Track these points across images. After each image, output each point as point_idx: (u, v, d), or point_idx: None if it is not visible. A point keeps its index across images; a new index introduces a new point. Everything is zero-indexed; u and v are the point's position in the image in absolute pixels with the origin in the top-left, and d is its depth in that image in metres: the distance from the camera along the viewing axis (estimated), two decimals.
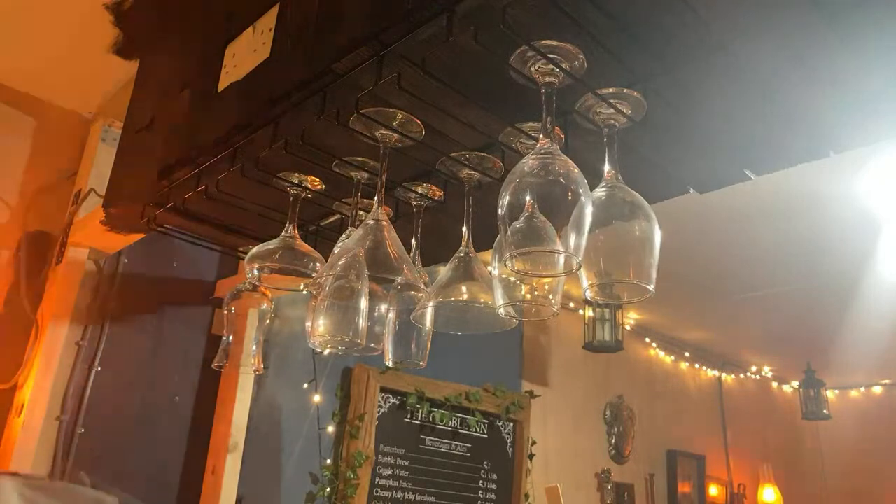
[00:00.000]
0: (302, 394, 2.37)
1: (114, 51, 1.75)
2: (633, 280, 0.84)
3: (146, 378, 2.01)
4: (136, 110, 1.61)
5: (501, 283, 0.90)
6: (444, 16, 0.78)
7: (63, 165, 2.08)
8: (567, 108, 0.94)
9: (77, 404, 1.87)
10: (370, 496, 2.42)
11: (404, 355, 1.14)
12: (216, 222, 1.47)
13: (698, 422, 4.53)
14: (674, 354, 4.43)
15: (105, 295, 1.97)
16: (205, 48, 1.33)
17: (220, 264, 2.20)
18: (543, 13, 0.77)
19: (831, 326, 3.78)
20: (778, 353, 4.69)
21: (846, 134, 0.95)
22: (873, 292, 3.18)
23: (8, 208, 1.97)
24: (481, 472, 2.83)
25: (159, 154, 1.36)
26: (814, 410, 4.56)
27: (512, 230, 0.76)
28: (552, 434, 3.38)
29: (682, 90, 0.90)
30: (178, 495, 2.01)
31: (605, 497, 3.62)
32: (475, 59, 0.86)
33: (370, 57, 0.88)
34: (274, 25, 1.10)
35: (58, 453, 1.81)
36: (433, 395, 2.68)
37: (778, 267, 3.11)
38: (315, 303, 1.01)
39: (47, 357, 1.80)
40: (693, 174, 1.10)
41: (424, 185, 1.18)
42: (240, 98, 1.14)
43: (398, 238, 1.00)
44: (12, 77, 2.01)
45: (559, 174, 0.78)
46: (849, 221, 2.60)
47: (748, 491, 4.65)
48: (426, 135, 1.02)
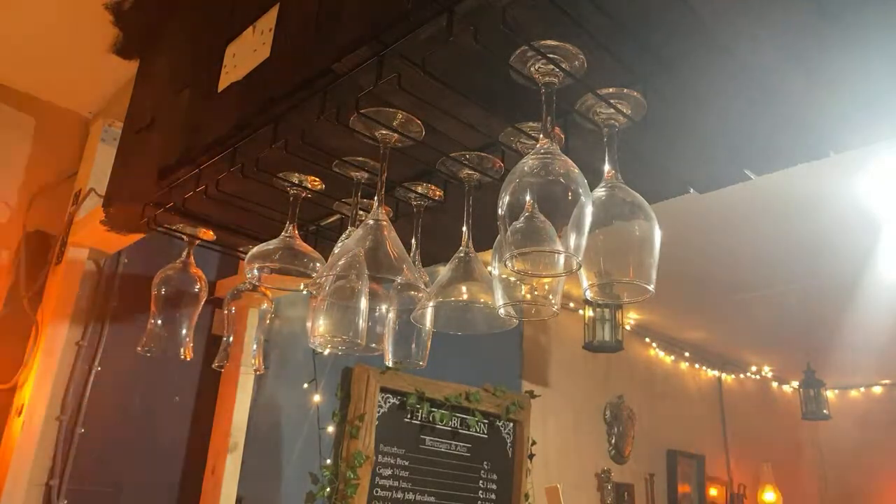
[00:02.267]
0: (302, 394, 2.37)
1: (114, 51, 1.75)
2: (633, 280, 0.84)
3: (146, 378, 2.01)
4: (136, 110, 1.61)
5: (501, 283, 0.90)
6: (444, 16, 0.78)
7: (63, 165, 2.08)
8: (567, 108, 0.94)
9: (77, 404, 1.87)
10: (370, 496, 2.42)
11: (404, 355, 1.14)
12: (216, 222, 1.47)
13: (698, 422, 4.53)
14: (674, 354, 4.43)
15: (105, 295, 1.97)
16: (205, 48, 1.33)
17: (220, 264, 2.20)
18: (543, 13, 0.77)
19: (831, 326, 3.78)
20: (778, 353, 4.69)
21: (846, 134, 0.95)
22: (873, 292, 3.18)
23: (8, 208, 1.97)
24: (481, 473, 2.83)
25: (159, 154, 1.36)
26: (814, 410, 4.56)
27: (512, 230, 0.76)
28: (552, 434, 3.38)
29: (682, 90, 0.90)
30: (178, 495, 2.01)
31: (605, 497, 3.62)
32: (475, 59, 0.86)
33: (370, 57, 0.88)
34: (274, 25, 1.10)
35: (58, 453, 1.81)
36: (433, 395, 2.68)
37: (778, 267, 3.11)
38: (315, 303, 1.01)
39: (47, 357, 1.80)
40: (693, 174, 1.10)
41: (424, 185, 1.18)
42: (240, 98, 1.13)
43: (398, 238, 1.00)
44: (12, 77, 2.01)
45: (559, 174, 0.78)
46: (849, 221, 2.60)
47: (748, 491, 4.65)
48: (426, 135, 1.02)
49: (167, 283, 1.49)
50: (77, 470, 1.83)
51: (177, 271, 1.50)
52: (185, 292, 1.49)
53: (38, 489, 1.76)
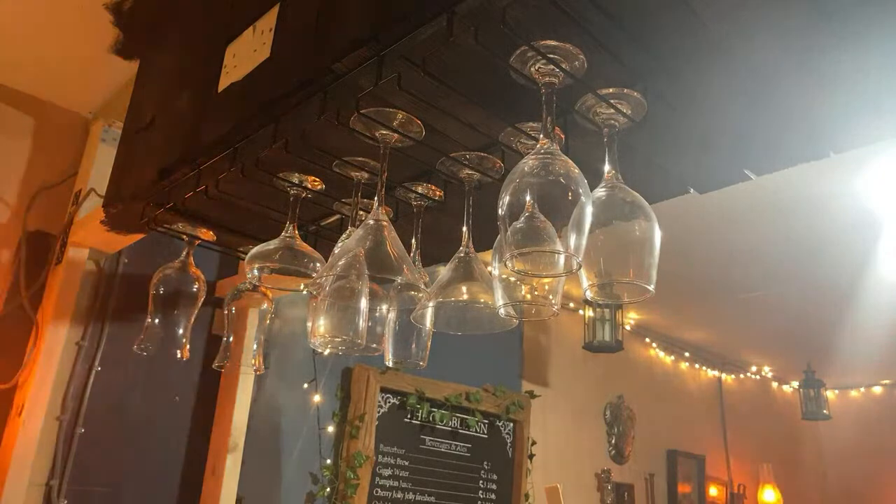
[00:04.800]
0: (302, 394, 2.37)
1: (114, 51, 1.75)
2: (633, 280, 0.84)
3: (146, 378, 2.01)
4: (136, 110, 1.61)
5: (501, 283, 0.90)
6: (445, 16, 0.78)
7: (63, 165, 2.07)
8: (567, 108, 0.94)
9: (77, 404, 1.87)
10: (370, 496, 2.42)
11: (404, 355, 1.14)
12: (216, 222, 1.47)
13: (698, 422, 4.53)
14: (674, 354, 4.43)
15: (105, 295, 1.97)
16: (205, 48, 1.33)
17: (220, 264, 2.20)
18: (543, 13, 0.77)
19: (831, 326, 3.78)
20: (778, 353, 4.69)
21: (846, 134, 0.95)
22: (873, 292, 3.18)
23: (8, 208, 1.97)
24: (481, 473, 2.83)
25: (159, 154, 1.36)
26: (814, 410, 4.56)
27: (512, 230, 0.76)
28: (552, 434, 3.38)
29: (682, 90, 0.90)
30: (178, 495, 2.01)
31: (605, 497, 3.62)
32: (475, 59, 0.86)
33: (370, 57, 0.88)
34: (274, 25, 1.10)
35: (58, 453, 1.81)
36: (433, 395, 2.68)
37: (778, 267, 3.11)
38: (315, 303, 1.01)
39: (47, 357, 1.80)
40: (693, 174, 1.10)
41: (424, 185, 1.18)
42: (240, 98, 1.13)
43: (398, 238, 1.00)
44: (12, 77, 2.01)
45: (559, 174, 0.78)
46: (849, 221, 2.60)
47: (748, 491, 4.65)
48: (426, 135, 1.02)
49: (165, 283, 1.49)
50: (77, 470, 1.83)
51: (175, 271, 1.50)
52: (182, 292, 1.49)
53: (38, 489, 1.76)
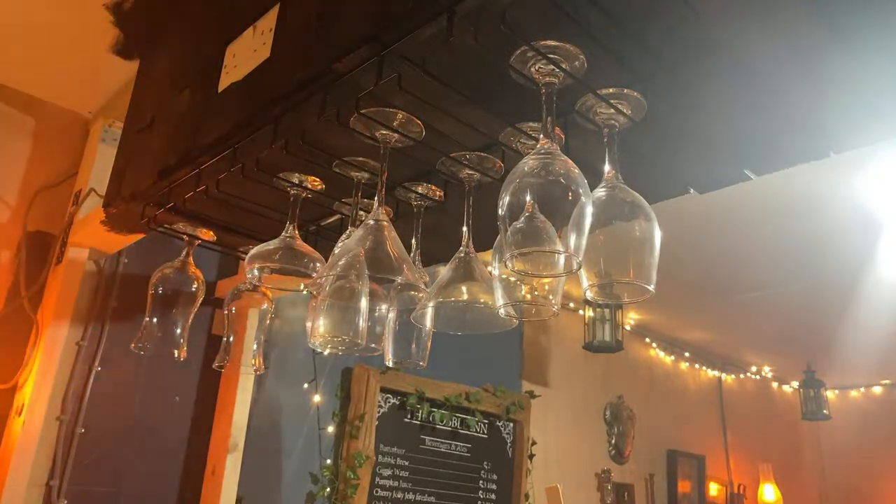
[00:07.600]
0: (302, 394, 2.37)
1: (114, 51, 1.75)
2: (633, 280, 0.84)
3: (146, 378, 2.01)
4: (136, 110, 1.61)
5: (501, 283, 0.90)
6: (445, 16, 0.77)
7: (63, 165, 2.07)
8: (567, 108, 0.94)
9: (77, 404, 1.87)
10: (370, 496, 2.42)
11: (404, 355, 1.14)
12: (216, 222, 1.47)
13: (698, 422, 4.53)
14: (674, 354, 4.43)
15: (105, 295, 1.97)
16: (205, 48, 1.33)
17: (220, 264, 2.20)
18: (543, 13, 0.77)
19: (831, 326, 3.78)
20: (778, 353, 4.69)
21: (846, 134, 0.95)
22: (873, 292, 3.18)
23: (8, 208, 1.97)
24: (481, 473, 2.83)
25: (159, 154, 1.36)
26: (814, 410, 4.56)
27: (512, 230, 0.76)
28: (552, 434, 3.38)
29: (682, 90, 0.90)
30: (178, 495, 2.01)
31: (605, 497, 3.62)
32: (475, 59, 0.86)
33: (370, 57, 0.88)
34: (274, 25, 1.10)
35: (58, 453, 1.81)
36: (433, 395, 2.68)
37: (778, 267, 3.11)
38: (315, 303, 1.01)
39: (47, 357, 1.80)
40: (693, 174, 1.10)
41: (424, 185, 1.19)
42: (240, 98, 1.13)
43: (398, 238, 1.00)
44: (12, 77, 2.01)
45: (559, 174, 0.78)
46: (849, 221, 2.60)
47: (748, 491, 4.65)
48: (426, 135, 1.02)
49: (164, 282, 1.49)
50: (77, 470, 1.83)
51: (174, 270, 1.50)
52: (181, 291, 1.49)
53: (38, 489, 1.76)
